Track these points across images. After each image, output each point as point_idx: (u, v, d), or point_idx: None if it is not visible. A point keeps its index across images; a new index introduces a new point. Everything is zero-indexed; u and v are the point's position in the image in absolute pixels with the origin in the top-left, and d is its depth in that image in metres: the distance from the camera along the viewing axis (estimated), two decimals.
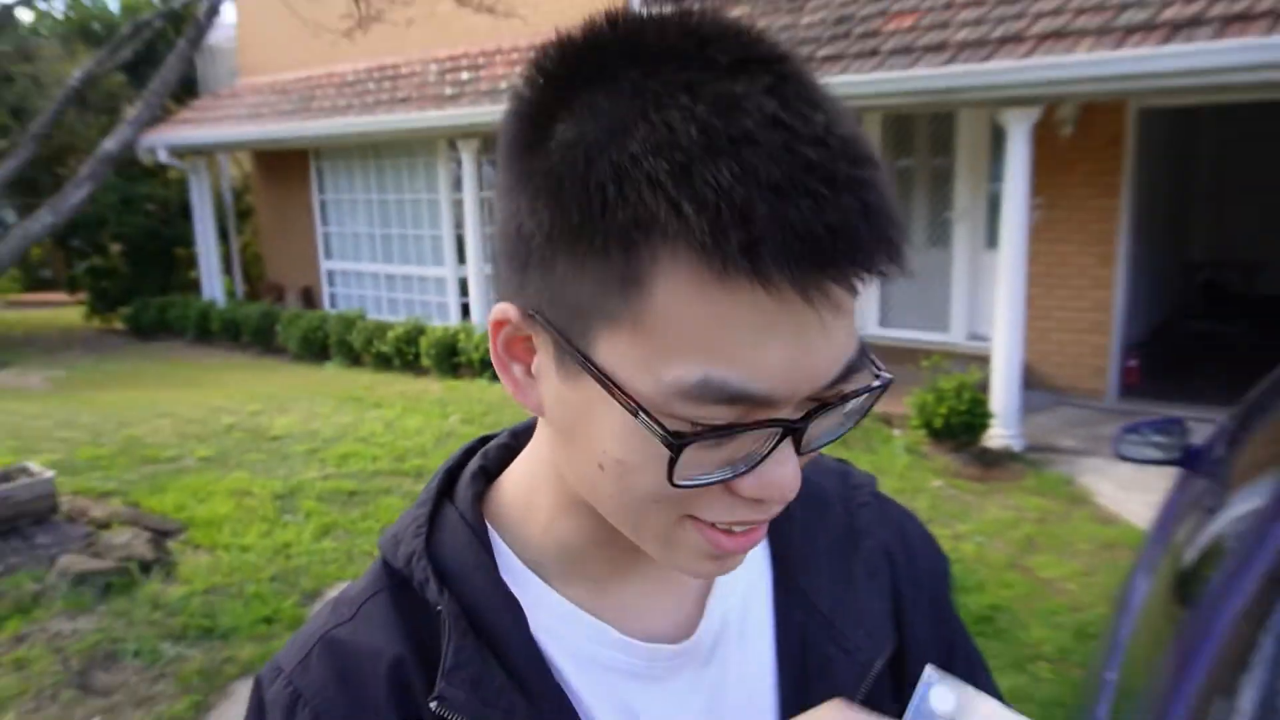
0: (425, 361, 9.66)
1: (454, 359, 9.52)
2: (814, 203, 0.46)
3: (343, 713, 0.60)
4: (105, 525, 5.13)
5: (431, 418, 7.77)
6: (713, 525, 0.55)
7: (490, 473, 0.70)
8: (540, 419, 0.64)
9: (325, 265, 12.95)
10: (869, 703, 0.68)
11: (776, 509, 0.56)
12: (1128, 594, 2.28)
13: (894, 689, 0.72)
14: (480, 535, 0.65)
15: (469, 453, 0.72)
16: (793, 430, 0.52)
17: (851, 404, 0.55)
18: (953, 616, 0.80)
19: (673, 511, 0.55)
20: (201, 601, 4.40)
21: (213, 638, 4.10)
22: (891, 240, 0.48)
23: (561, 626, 0.64)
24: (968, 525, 5.33)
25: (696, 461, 0.51)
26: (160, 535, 5.10)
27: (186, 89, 14.63)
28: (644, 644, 0.65)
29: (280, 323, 11.40)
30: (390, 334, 10.01)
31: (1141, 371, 7.68)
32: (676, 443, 0.50)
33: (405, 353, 9.91)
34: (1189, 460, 2.94)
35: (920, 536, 0.81)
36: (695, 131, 0.46)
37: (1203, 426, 3.12)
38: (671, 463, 0.51)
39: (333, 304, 12.77)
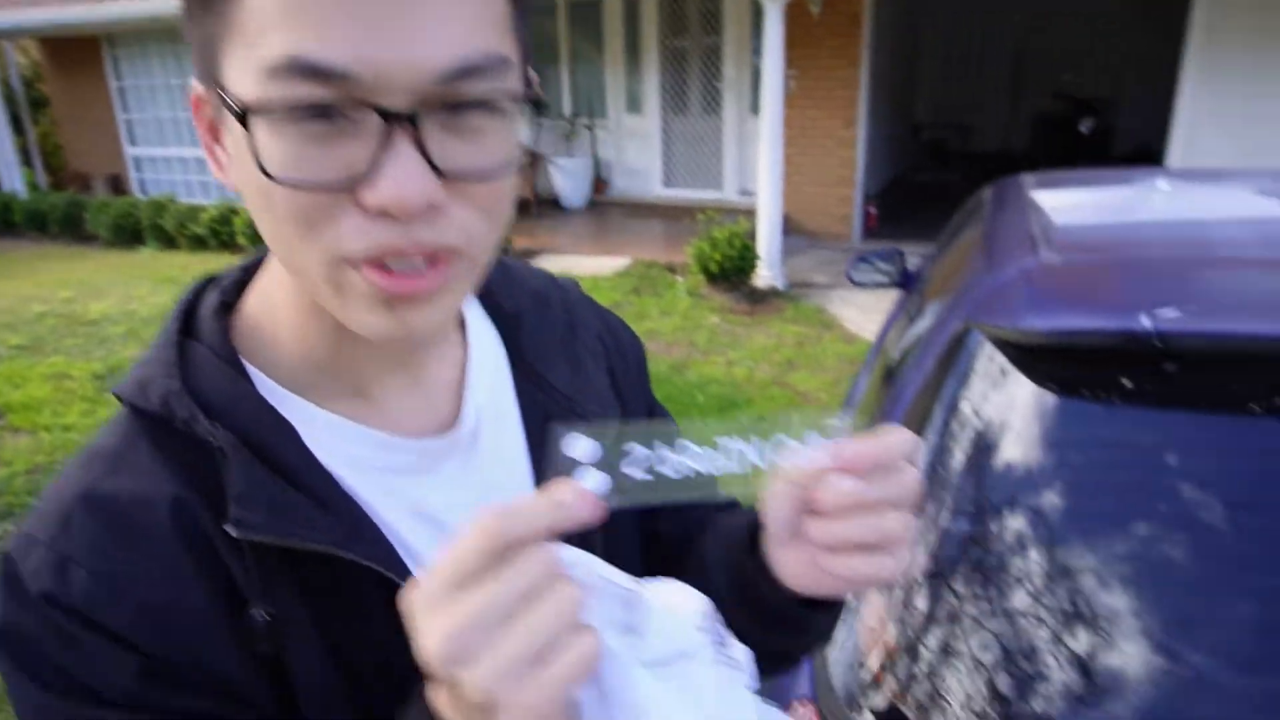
0: (241, 240, 8.94)
1: None
2: None
3: (125, 564, 0.52)
4: None
5: None
6: (371, 265, 0.50)
7: (231, 305, 0.62)
8: None
9: (131, 152, 11.61)
10: None
11: (423, 236, 0.49)
12: (852, 392, 2.44)
13: None
14: (235, 365, 0.58)
15: (201, 290, 0.64)
16: (399, 123, 0.47)
17: (487, 123, 0.50)
18: (650, 391, 0.83)
19: (321, 245, 0.50)
20: (25, 480, 4.03)
21: None
22: None
23: (332, 439, 0.59)
24: (739, 353, 5.55)
25: (300, 159, 0.47)
26: None
27: None
28: (413, 440, 0.62)
29: (89, 211, 10.18)
30: (203, 216, 9.16)
31: (879, 217, 8.10)
32: (242, 111, 0.47)
33: (220, 233, 9.12)
34: (905, 282, 3.14)
35: (621, 325, 0.83)
36: None
37: (922, 256, 3.32)
38: (253, 147, 0.47)
39: (143, 190, 11.51)
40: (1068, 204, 1.85)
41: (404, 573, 0.57)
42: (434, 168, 0.48)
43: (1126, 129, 10.07)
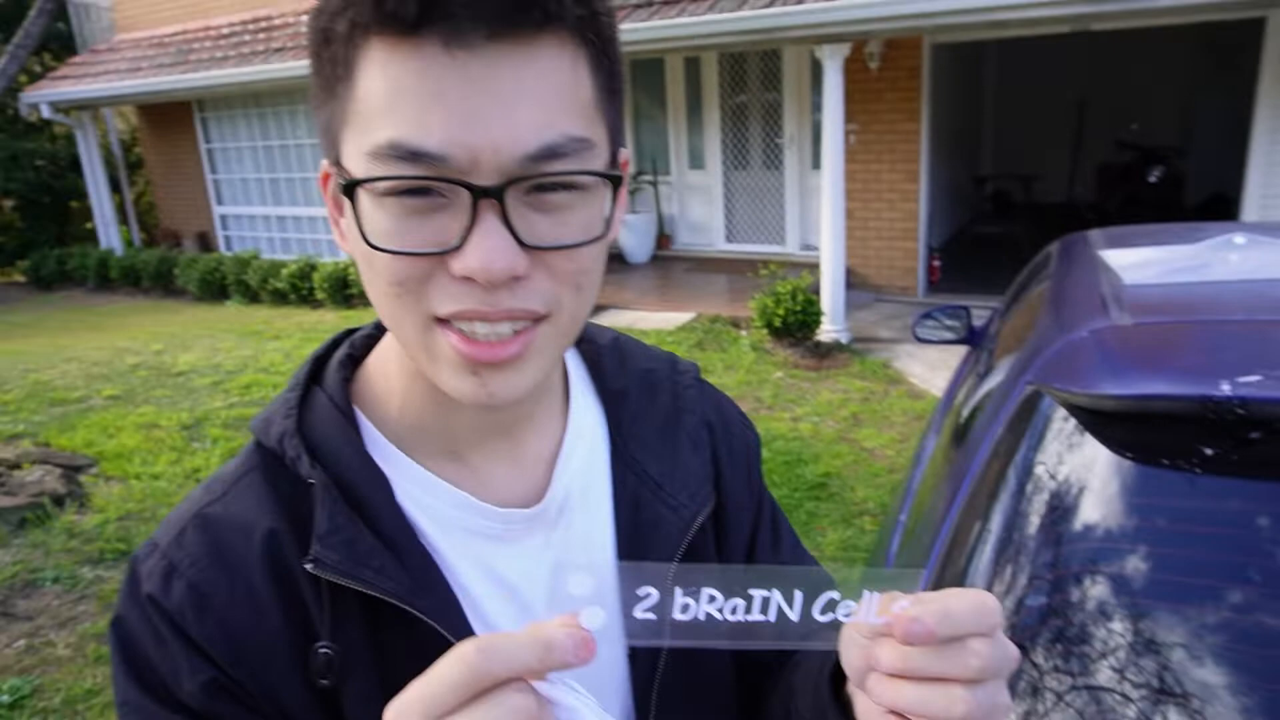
0: (320, 295, 9.26)
1: (346, 290, 9.16)
2: None
3: (217, 583, 0.57)
4: (15, 465, 4.78)
5: None
6: (460, 334, 0.54)
7: (357, 359, 0.68)
8: None
9: (218, 210, 12.17)
10: (692, 550, 0.70)
11: (506, 302, 0.53)
12: (920, 450, 2.40)
13: (716, 539, 0.75)
14: (347, 415, 0.64)
15: (336, 343, 0.70)
16: (486, 199, 0.51)
17: (569, 199, 0.53)
18: (760, 479, 0.82)
19: (416, 307, 0.54)
20: (116, 527, 4.19)
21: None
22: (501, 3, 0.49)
23: (424, 495, 0.63)
24: (805, 408, 5.51)
25: (399, 231, 0.52)
26: (72, 470, 4.80)
27: (66, 47, 13.31)
28: (499, 509, 0.64)
29: (179, 266, 10.68)
30: (284, 271, 9.53)
31: (944, 270, 8.01)
32: (349, 182, 0.52)
33: (300, 287, 9.46)
34: (972, 339, 3.10)
35: (735, 414, 0.82)
36: None
37: (987, 311, 3.28)
38: (357, 214, 0.52)
39: (228, 246, 12.04)
40: (1138, 262, 1.82)
41: (465, 632, 0.59)
42: (518, 240, 0.51)
43: (1198, 177, 9.82)
